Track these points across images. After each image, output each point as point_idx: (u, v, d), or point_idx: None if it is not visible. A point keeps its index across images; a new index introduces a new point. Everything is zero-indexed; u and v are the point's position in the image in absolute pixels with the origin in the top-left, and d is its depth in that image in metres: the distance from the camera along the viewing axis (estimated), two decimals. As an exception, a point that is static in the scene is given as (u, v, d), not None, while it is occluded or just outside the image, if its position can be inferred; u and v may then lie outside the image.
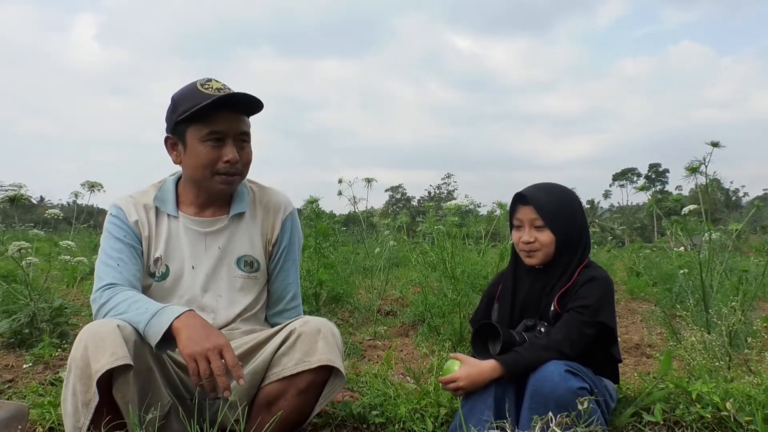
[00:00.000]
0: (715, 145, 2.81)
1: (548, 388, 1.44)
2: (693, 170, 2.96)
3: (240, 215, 1.67)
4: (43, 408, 1.79)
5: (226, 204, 1.67)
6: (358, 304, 4.37)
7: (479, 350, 1.65)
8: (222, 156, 1.55)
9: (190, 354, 1.30)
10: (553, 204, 1.69)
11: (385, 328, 4.02)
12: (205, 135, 1.53)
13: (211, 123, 1.52)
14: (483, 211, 5.11)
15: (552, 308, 1.66)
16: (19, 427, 1.14)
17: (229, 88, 1.56)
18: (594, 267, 1.72)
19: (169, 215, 1.63)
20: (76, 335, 3.17)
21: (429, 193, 72.71)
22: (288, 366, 1.43)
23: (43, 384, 2.30)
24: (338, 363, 1.44)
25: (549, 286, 1.70)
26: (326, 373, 1.45)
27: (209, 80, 1.57)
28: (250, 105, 1.58)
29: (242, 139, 1.59)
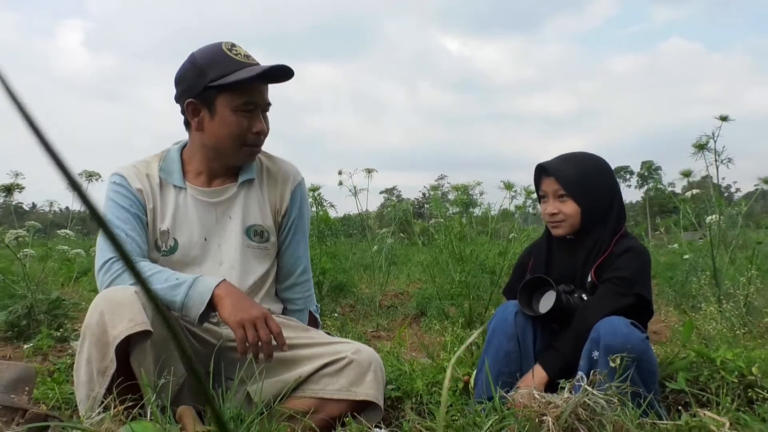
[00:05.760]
0: (723, 119, 2.78)
1: (620, 341, 1.40)
2: (701, 147, 2.91)
3: (249, 182, 1.61)
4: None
5: (234, 173, 1.61)
6: (361, 295, 4.32)
7: (525, 304, 1.61)
8: (251, 127, 1.50)
9: (238, 321, 1.29)
10: (575, 174, 1.65)
11: (388, 320, 3.97)
12: (240, 105, 1.47)
13: (248, 93, 1.47)
14: (479, 211, 5.05)
15: (589, 279, 1.63)
16: (27, 388, 1.08)
17: (253, 56, 1.52)
18: (630, 237, 1.68)
19: (175, 186, 1.55)
20: (74, 328, 3.12)
21: (423, 194, 72.76)
22: (329, 389, 1.40)
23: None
24: (380, 401, 1.42)
25: (583, 257, 1.66)
26: (365, 405, 1.42)
27: (234, 45, 1.51)
28: (284, 76, 1.52)
29: (266, 109, 1.55)
